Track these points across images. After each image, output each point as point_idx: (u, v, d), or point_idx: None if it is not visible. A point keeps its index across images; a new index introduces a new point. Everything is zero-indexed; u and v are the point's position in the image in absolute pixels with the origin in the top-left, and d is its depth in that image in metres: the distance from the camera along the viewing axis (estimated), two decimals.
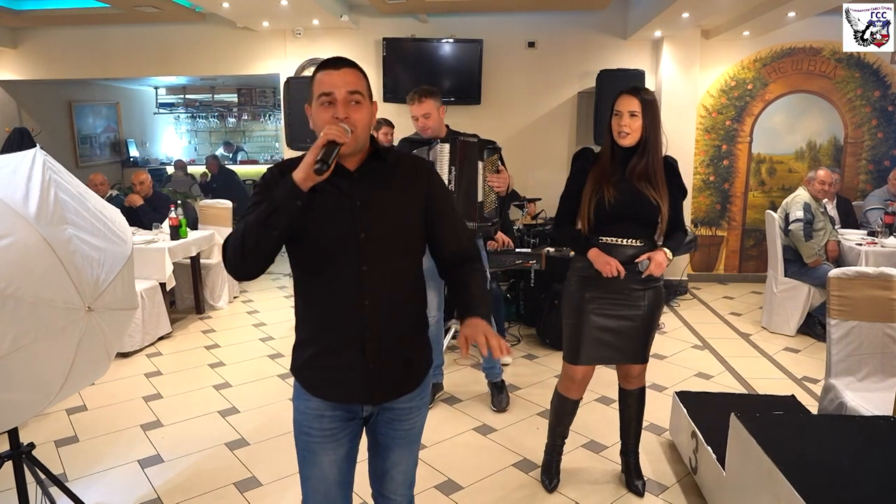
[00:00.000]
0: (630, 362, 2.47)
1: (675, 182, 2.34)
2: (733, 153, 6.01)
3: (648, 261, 2.26)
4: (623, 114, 2.23)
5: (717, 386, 3.68)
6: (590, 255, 2.30)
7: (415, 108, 3.07)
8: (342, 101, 1.39)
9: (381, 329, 1.46)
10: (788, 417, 2.25)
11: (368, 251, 1.43)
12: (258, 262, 1.39)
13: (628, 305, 2.36)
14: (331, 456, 1.54)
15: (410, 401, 1.56)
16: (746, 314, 5.15)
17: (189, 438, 3.09)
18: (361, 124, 1.41)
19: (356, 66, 1.44)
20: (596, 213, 2.28)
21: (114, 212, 2.18)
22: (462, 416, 3.32)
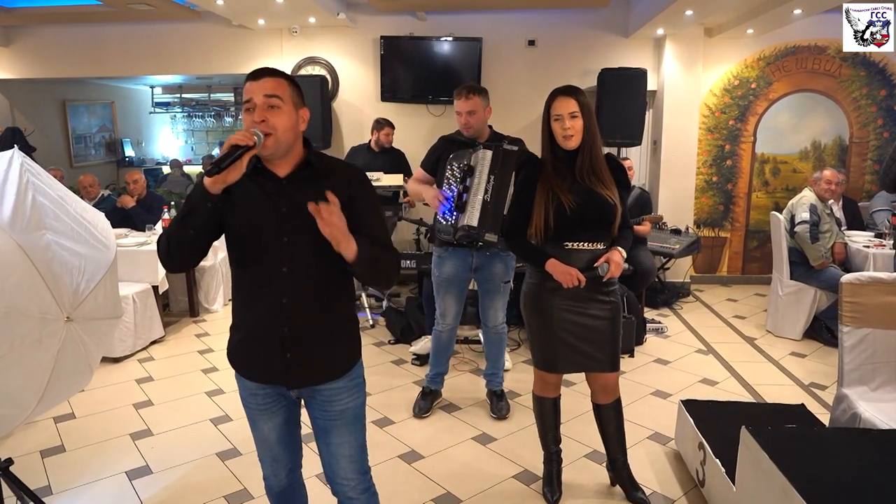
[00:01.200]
0: (603, 370, 2.37)
1: (619, 178, 2.31)
2: (736, 153, 5.92)
3: (607, 264, 2.23)
4: (564, 116, 2.20)
5: (722, 393, 3.59)
6: (548, 268, 2.24)
7: (461, 103, 2.98)
8: (259, 106, 1.48)
9: (299, 324, 1.58)
10: (802, 431, 2.16)
11: (289, 253, 1.54)
12: (182, 256, 1.56)
13: (594, 314, 2.32)
14: (268, 424, 1.72)
15: (338, 382, 1.66)
16: (751, 317, 5.06)
17: (179, 448, 2.99)
18: (281, 128, 1.49)
19: (279, 75, 1.53)
20: (556, 220, 2.22)
21: (97, 216, 2.09)
22: (461, 424, 3.23)
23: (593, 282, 2.27)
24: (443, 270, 3.13)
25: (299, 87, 1.58)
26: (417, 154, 5.58)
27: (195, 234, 1.50)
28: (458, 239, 2.95)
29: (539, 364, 2.42)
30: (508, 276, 3.17)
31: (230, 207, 1.54)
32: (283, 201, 1.53)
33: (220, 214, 1.53)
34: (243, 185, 1.51)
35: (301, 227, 1.51)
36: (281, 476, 1.82)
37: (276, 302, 1.56)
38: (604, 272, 2.23)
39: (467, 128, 3.01)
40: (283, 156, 1.54)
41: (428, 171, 3.15)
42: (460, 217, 2.88)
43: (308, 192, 1.51)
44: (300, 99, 1.56)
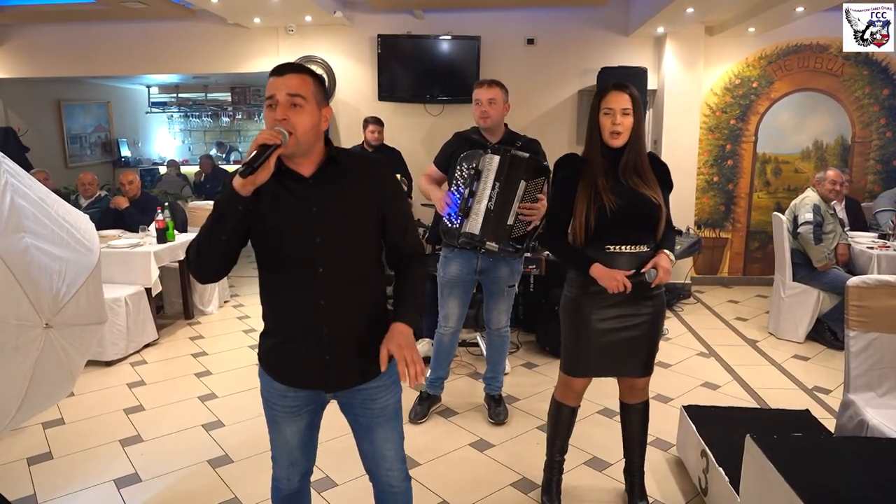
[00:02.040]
0: (635, 375, 2.31)
1: (663, 178, 2.22)
2: (738, 153, 5.86)
3: (655, 269, 2.11)
4: (615, 111, 2.09)
5: (724, 397, 3.52)
6: (593, 273, 2.14)
7: (482, 91, 2.90)
8: (282, 104, 1.43)
9: (337, 326, 1.55)
10: (808, 440, 2.10)
11: (324, 254, 1.51)
12: (214, 265, 1.50)
13: (633, 316, 2.22)
14: (292, 427, 1.68)
15: (377, 381, 1.63)
16: (752, 319, 4.99)
17: (169, 455, 2.92)
18: (302, 127, 1.45)
19: (304, 71, 1.49)
20: (598, 222, 2.12)
21: (80, 218, 2.02)
22: (458, 429, 3.16)
23: (638, 286, 2.15)
24: (448, 271, 3.07)
25: (324, 85, 1.56)
26: (416, 154, 5.57)
27: (227, 240, 1.44)
28: (460, 244, 2.91)
29: (567, 368, 2.33)
30: (514, 280, 3.11)
31: (257, 210, 1.48)
32: (312, 201, 1.50)
33: (248, 219, 1.47)
34: (268, 186, 1.46)
35: (333, 226, 1.51)
36: (294, 480, 1.78)
37: (313, 304, 1.53)
38: (651, 278, 2.11)
39: (485, 117, 2.91)
40: (305, 154, 1.50)
41: (441, 168, 3.08)
42: (464, 222, 2.84)
43: (337, 190, 1.52)
44: (323, 97, 1.53)
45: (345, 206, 1.53)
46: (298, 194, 1.50)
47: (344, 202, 1.53)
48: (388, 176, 1.62)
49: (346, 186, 1.53)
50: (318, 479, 2.66)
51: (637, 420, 2.44)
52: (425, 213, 5.14)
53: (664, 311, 2.30)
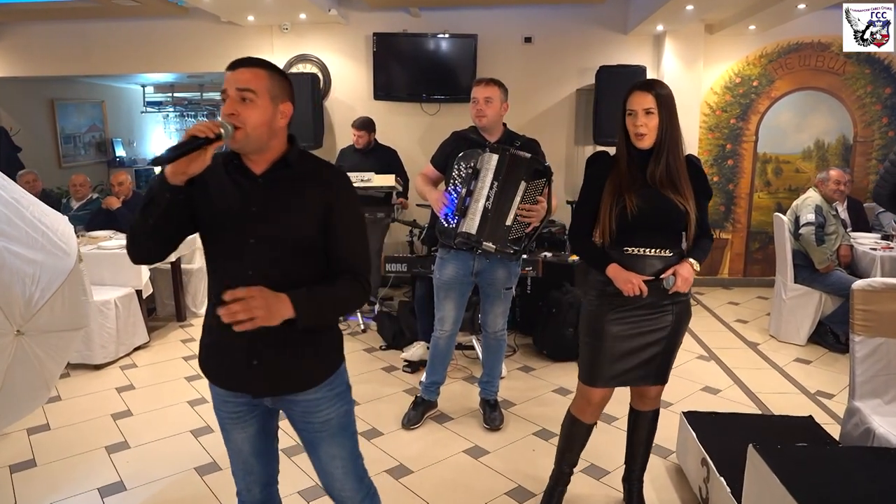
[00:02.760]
0: (651, 384, 2.25)
1: (700, 184, 2.13)
2: (738, 153, 5.78)
3: (674, 276, 2.05)
4: (637, 112, 2.02)
5: (725, 402, 3.45)
6: (609, 273, 2.08)
7: (479, 89, 2.84)
8: (231, 99, 1.40)
9: (266, 330, 1.39)
10: (813, 450, 2.02)
11: (254, 257, 1.45)
12: (143, 246, 1.47)
13: (653, 322, 2.14)
14: (241, 434, 1.62)
15: (316, 392, 1.56)
16: (753, 321, 4.92)
17: (156, 462, 2.85)
18: (252, 122, 1.40)
19: (258, 65, 1.44)
20: (619, 223, 2.07)
21: (58, 220, 1.95)
22: (452, 436, 3.08)
23: (658, 293, 2.08)
24: (444, 273, 3.00)
25: (286, 79, 1.48)
26: (412, 153, 5.49)
27: (154, 225, 1.41)
28: (456, 244, 2.84)
29: (583, 377, 2.24)
30: (511, 283, 3.03)
31: (203, 201, 1.46)
32: (254, 200, 1.45)
33: (189, 207, 1.44)
34: (219, 178, 1.45)
35: (269, 229, 1.45)
36: (255, 491, 1.71)
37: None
38: (669, 285, 2.05)
39: (480, 116, 2.85)
40: (258, 151, 1.45)
41: (438, 167, 3.01)
42: (461, 222, 2.77)
43: (283, 194, 1.46)
44: (283, 92, 1.45)
45: (286, 211, 1.46)
46: (244, 191, 1.46)
47: (286, 206, 1.46)
48: (342, 186, 1.53)
49: (294, 190, 1.47)
50: (308, 487, 2.59)
51: (645, 427, 2.37)
52: (421, 214, 5.07)
53: (687, 319, 2.21)
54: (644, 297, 2.04)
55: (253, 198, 1.46)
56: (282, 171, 1.48)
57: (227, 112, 1.39)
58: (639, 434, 2.38)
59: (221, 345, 1.53)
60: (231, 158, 1.48)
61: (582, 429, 2.32)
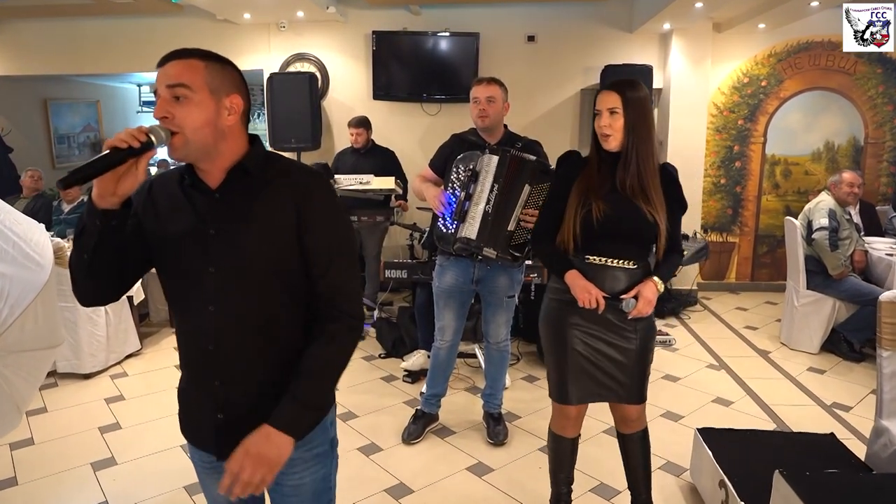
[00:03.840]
0: (626, 402, 2.11)
1: (674, 195, 2.02)
2: (746, 154, 5.65)
3: (635, 300, 1.94)
4: (602, 112, 1.93)
5: (737, 414, 3.31)
6: (567, 279, 1.98)
7: (481, 88, 2.73)
8: (162, 99, 1.15)
9: (230, 380, 1.25)
10: (844, 478, 1.89)
11: (217, 289, 1.21)
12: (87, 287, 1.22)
13: (617, 340, 2.03)
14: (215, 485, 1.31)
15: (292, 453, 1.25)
16: (763, 328, 4.79)
17: (144, 480, 2.71)
18: (190, 123, 1.15)
19: (192, 56, 1.18)
20: (583, 229, 1.96)
21: (30, 229, 1.81)
22: (454, 452, 2.95)
23: (616, 311, 1.99)
24: (443, 281, 2.87)
25: (231, 66, 1.23)
26: (412, 155, 5.35)
27: (89, 260, 1.16)
28: (455, 250, 2.71)
29: (552, 394, 2.14)
30: (513, 291, 2.90)
31: (152, 225, 1.24)
32: (211, 220, 1.20)
33: (138, 234, 1.23)
34: (172, 196, 1.23)
35: (232, 255, 1.19)
36: None
37: (202, 348, 1.24)
38: (629, 308, 1.94)
39: (483, 117, 2.73)
40: (206, 159, 1.20)
41: (437, 170, 2.89)
42: (460, 227, 2.63)
43: (245, 208, 1.20)
44: (227, 83, 1.19)
45: (251, 230, 1.20)
46: (200, 211, 1.21)
47: (251, 225, 1.20)
48: (318, 187, 1.24)
49: (260, 203, 1.21)
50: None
51: (637, 451, 2.23)
52: (422, 217, 4.94)
53: (652, 341, 2.09)
54: (600, 311, 1.94)
55: (209, 217, 1.20)
56: (241, 181, 1.22)
57: (159, 115, 1.15)
58: (633, 459, 2.23)
59: (187, 391, 1.34)
60: (186, 171, 1.24)
61: (566, 444, 2.22)
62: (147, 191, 1.27)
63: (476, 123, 2.78)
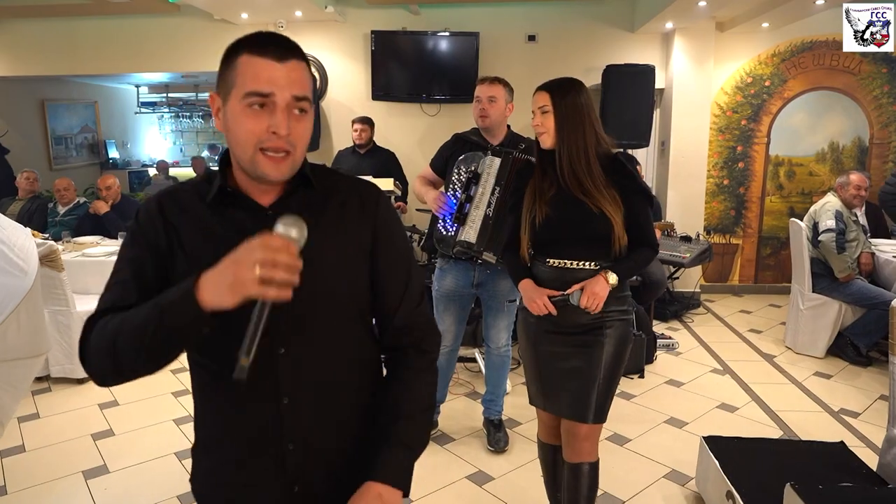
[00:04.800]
0: (576, 418, 1.89)
1: (631, 186, 1.89)
2: (749, 155, 5.58)
3: (580, 291, 1.85)
4: (535, 112, 1.97)
5: (743, 420, 3.25)
6: (520, 288, 1.98)
7: (483, 88, 2.67)
8: (283, 109, 0.92)
9: (309, 435, 1.03)
10: (858, 492, 1.83)
11: (289, 326, 0.98)
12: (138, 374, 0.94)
13: (585, 344, 1.93)
14: None
15: None
16: (767, 331, 4.72)
17: (136, 489, 2.65)
18: (303, 143, 0.97)
19: (303, 56, 0.97)
20: (532, 234, 1.94)
21: (15, 234, 1.75)
22: (454, 459, 2.88)
23: (573, 311, 1.88)
24: (443, 284, 2.81)
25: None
26: (412, 156, 5.29)
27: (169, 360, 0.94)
28: (455, 253, 2.65)
29: (531, 398, 2.11)
30: (514, 295, 2.83)
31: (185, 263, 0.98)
32: None
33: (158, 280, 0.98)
34: (201, 221, 0.99)
35: (306, 283, 0.91)
36: None
37: (270, 405, 1.00)
38: (575, 301, 1.84)
39: (484, 116, 2.67)
40: None
41: (438, 170, 2.84)
42: (460, 230, 2.57)
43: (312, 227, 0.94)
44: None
45: (325, 252, 1.00)
46: (252, 233, 0.90)
47: (324, 245, 1.00)
48: (386, 202, 1.09)
49: (325, 219, 1.02)
50: None
51: (580, 486, 1.92)
52: (421, 219, 4.87)
53: (624, 353, 1.93)
54: (554, 314, 1.88)
55: None
56: (300, 195, 1.02)
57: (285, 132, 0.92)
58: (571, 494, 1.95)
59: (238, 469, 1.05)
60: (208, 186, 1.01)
61: (551, 452, 2.15)
62: (159, 214, 1.00)
63: (477, 123, 2.73)
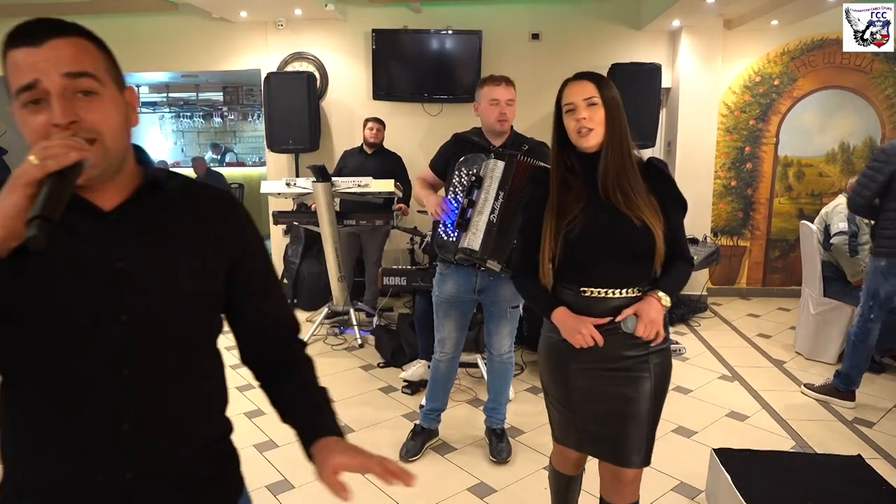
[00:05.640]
0: (622, 464, 1.71)
1: (669, 192, 1.69)
2: (757, 155, 5.48)
3: (635, 317, 1.59)
4: (577, 105, 1.63)
5: (754, 430, 3.15)
6: (555, 321, 1.65)
7: (501, 90, 2.54)
8: (59, 95, 0.82)
9: (154, 464, 0.92)
10: None
11: (135, 344, 0.89)
12: None
13: (625, 380, 1.68)
14: None
15: None
16: (776, 335, 4.61)
17: None
18: (108, 127, 0.85)
19: (76, 32, 0.86)
20: (565, 254, 1.63)
21: None
22: (455, 470, 2.79)
23: (624, 340, 1.64)
24: (443, 290, 2.71)
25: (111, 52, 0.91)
26: (413, 157, 5.18)
27: None
28: (457, 260, 2.55)
29: (554, 433, 1.89)
30: (517, 301, 2.74)
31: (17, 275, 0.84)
32: (116, 250, 0.89)
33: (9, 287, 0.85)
34: None
35: (152, 292, 0.89)
36: None
37: (107, 431, 0.89)
38: (629, 329, 1.59)
39: (503, 120, 2.56)
40: (113, 174, 0.90)
41: (438, 172, 2.73)
42: (462, 236, 2.47)
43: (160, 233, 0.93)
44: (119, 71, 0.91)
45: (174, 260, 0.92)
46: (92, 239, 0.88)
47: (172, 253, 0.93)
48: (246, 216, 1.05)
49: (175, 226, 0.94)
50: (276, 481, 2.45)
51: None
52: (423, 221, 4.79)
53: (666, 384, 1.73)
54: (600, 346, 1.59)
55: (114, 245, 0.89)
56: (147, 199, 0.93)
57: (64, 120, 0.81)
58: None
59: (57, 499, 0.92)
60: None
61: (564, 482, 1.99)
62: None
63: (494, 127, 2.60)
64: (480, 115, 2.63)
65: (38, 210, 0.73)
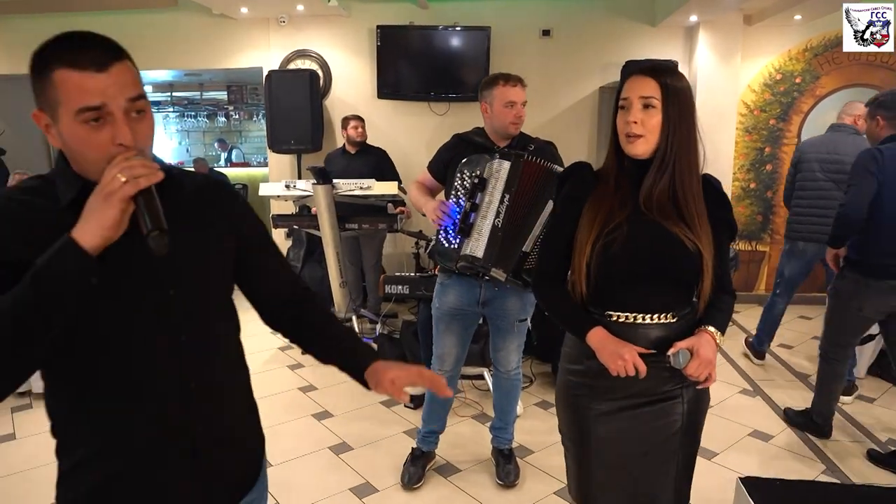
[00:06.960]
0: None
1: (722, 217, 1.50)
2: (778, 157, 5.25)
3: (689, 352, 1.39)
4: (632, 103, 1.41)
5: (779, 451, 2.94)
6: (591, 342, 1.44)
7: (516, 91, 2.39)
8: (124, 118, 0.92)
9: (214, 421, 1.08)
10: None
11: (184, 312, 1.03)
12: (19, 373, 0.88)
13: (656, 417, 1.50)
14: None
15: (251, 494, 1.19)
16: (798, 346, 4.40)
17: None
18: (150, 140, 0.98)
19: (126, 55, 0.95)
20: (601, 268, 1.44)
21: None
22: (458, 494, 2.61)
23: (662, 371, 1.45)
24: (444, 301, 2.53)
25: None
26: (418, 157, 4.97)
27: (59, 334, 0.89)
28: (458, 269, 2.37)
29: (573, 491, 1.66)
30: (525, 314, 2.56)
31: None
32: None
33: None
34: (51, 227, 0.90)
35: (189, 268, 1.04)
36: None
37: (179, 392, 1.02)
38: (680, 365, 1.39)
39: (518, 122, 2.42)
40: None
41: (437, 176, 2.56)
42: (464, 242, 2.29)
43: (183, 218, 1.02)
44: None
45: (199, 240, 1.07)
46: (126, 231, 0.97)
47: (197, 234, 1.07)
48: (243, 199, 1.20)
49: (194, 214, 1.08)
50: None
51: None
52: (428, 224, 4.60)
53: (702, 417, 1.55)
54: (641, 378, 1.38)
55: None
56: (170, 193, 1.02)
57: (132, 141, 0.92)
58: None
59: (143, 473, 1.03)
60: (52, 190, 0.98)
61: None
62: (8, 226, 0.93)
63: (507, 130, 2.43)
64: (492, 117, 2.44)
65: (153, 224, 0.88)
